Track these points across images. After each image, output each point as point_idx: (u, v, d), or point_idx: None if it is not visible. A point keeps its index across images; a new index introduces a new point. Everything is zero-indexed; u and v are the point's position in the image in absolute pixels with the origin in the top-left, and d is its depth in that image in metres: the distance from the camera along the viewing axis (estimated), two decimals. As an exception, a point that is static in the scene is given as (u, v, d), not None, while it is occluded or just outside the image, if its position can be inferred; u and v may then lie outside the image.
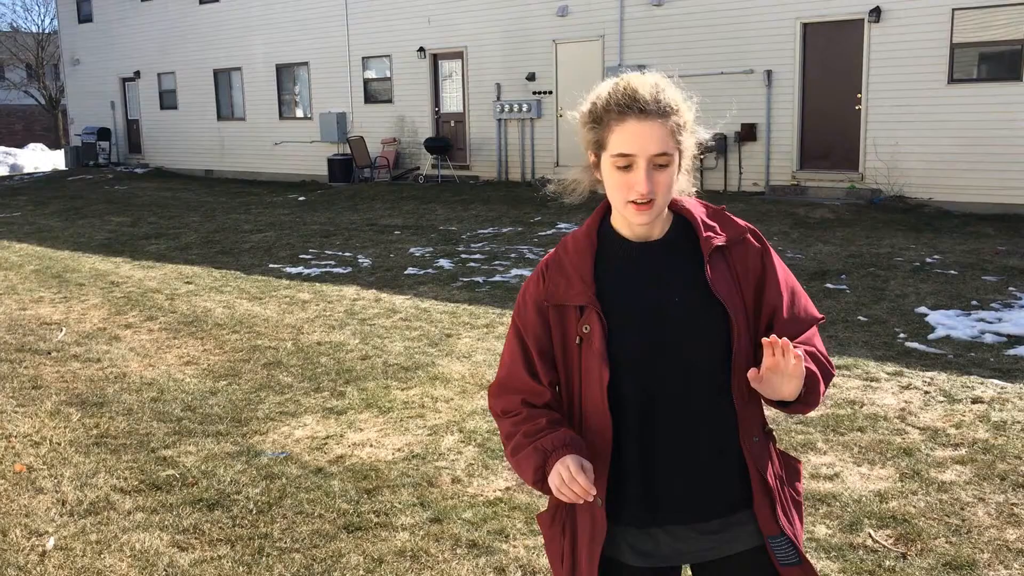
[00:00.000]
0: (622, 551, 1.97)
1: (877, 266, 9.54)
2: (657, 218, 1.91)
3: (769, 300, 1.94)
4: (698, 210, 1.97)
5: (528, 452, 1.88)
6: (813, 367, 1.87)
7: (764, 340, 1.76)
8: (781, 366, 1.75)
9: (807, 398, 1.85)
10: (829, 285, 8.73)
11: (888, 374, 6.00)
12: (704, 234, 1.93)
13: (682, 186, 1.95)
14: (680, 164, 1.88)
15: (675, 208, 1.97)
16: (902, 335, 6.92)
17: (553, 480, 1.81)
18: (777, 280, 1.96)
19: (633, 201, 1.85)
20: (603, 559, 1.94)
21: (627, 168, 1.84)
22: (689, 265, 1.92)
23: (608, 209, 1.99)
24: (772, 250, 1.99)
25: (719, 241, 1.93)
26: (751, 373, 1.77)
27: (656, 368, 1.89)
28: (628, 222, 1.93)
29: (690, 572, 2.09)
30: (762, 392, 1.83)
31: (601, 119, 1.86)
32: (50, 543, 3.93)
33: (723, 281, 1.90)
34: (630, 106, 1.82)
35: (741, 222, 1.99)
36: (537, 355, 1.96)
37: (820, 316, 2.03)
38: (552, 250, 2.04)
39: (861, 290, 8.48)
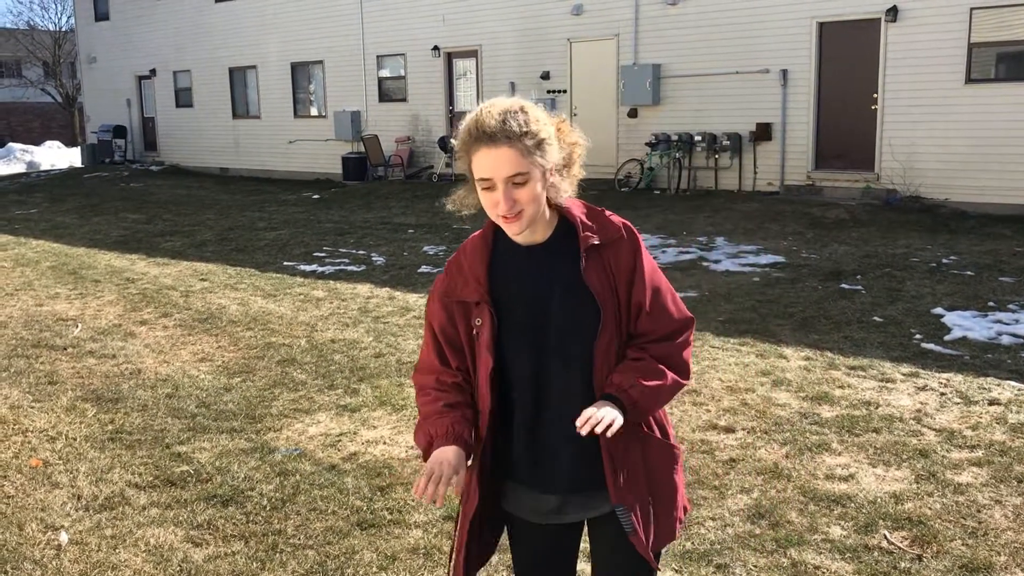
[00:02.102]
0: (516, 506, 2.29)
1: (893, 267, 9.48)
2: (533, 225, 2.12)
3: (635, 296, 2.16)
4: (579, 211, 2.17)
5: (420, 434, 2.20)
6: (635, 395, 2.10)
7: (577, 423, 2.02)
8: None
9: (636, 415, 2.13)
10: (844, 285, 8.68)
11: (904, 375, 5.97)
12: (583, 234, 2.13)
13: (564, 190, 2.14)
14: (546, 176, 2.07)
15: (560, 211, 2.18)
16: (918, 336, 6.88)
17: (428, 466, 2.08)
18: (644, 278, 2.16)
19: (503, 215, 2.07)
20: (504, 514, 2.32)
21: (490, 189, 2.06)
22: (569, 264, 2.13)
23: None
24: (644, 249, 2.18)
25: (594, 240, 2.13)
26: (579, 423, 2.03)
27: (540, 355, 2.15)
28: None
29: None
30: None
31: (466, 148, 2.08)
32: (63, 537, 3.95)
33: (596, 276, 2.12)
34: (479, 137, 2.04)
35: (616, 221, 2.18)
36: (444, 343, 2.23)
37: (687, 316, 2.24)
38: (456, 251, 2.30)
39: (877, 291, 8.43)
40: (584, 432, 2.01)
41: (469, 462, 2.18)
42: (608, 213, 2.19)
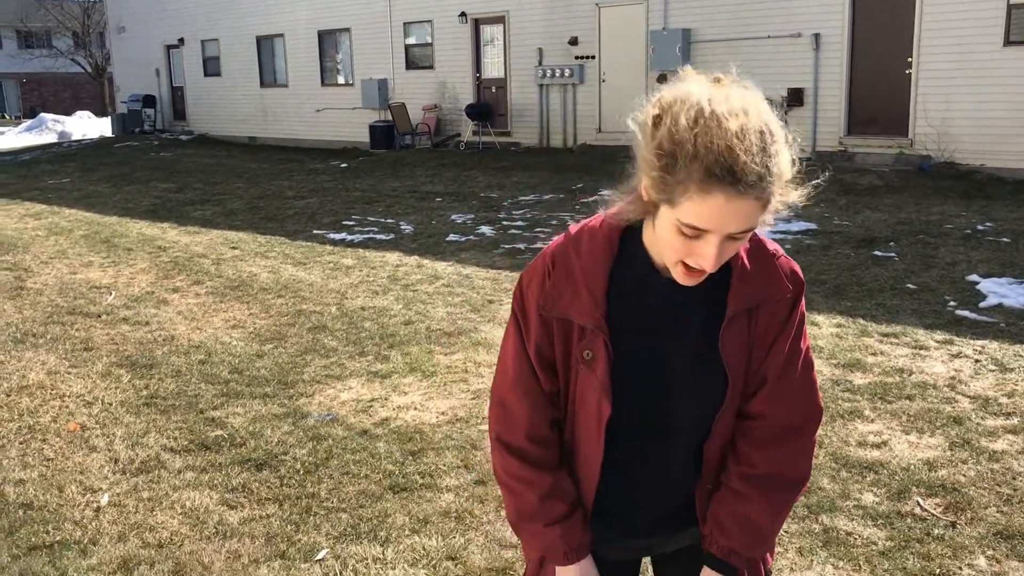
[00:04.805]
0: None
1: (927, 233, 9.36)
2: None
3: (769, 362, 1.70)
4: (743, 248, 1.63)
5: (526, 538, 1.81)
6: (748, 557, 1.77)
7: None
8: None
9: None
10: (877, 252, 8.58)
11: (937, 342, 5.90)
12: (738, 288, 1.64)
13: (767, 222, 1.54)
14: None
15: None
16: (952, 303, 6.80)
17: None
18: (786, 343, 1.69)
19: (686, 265, 1.53)
20: None
21: (694, 237, 1.48)
22: (709, 312, 1.66)
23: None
24: (803, 307, 1.72)
25: (749, 303, 1.65)
26: None
27: (651, 408, 1.72)
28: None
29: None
30: None
31: (678, 171, 1.41)
32: (104, 499, 4.03)
33: (734, 342, 1.66)
34: (723, 177, 1.38)
35: (785, 269, 1.69)
36: (537, 363, 1.71)
37: (818, 406, 1.79)
38: (560, 238, 1.70)
39: (910, 257, 8.33)
40: None
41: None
42: (779, 256, 1.68)
